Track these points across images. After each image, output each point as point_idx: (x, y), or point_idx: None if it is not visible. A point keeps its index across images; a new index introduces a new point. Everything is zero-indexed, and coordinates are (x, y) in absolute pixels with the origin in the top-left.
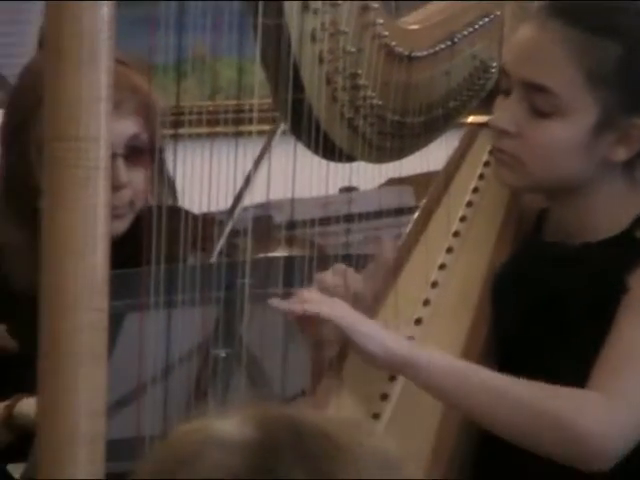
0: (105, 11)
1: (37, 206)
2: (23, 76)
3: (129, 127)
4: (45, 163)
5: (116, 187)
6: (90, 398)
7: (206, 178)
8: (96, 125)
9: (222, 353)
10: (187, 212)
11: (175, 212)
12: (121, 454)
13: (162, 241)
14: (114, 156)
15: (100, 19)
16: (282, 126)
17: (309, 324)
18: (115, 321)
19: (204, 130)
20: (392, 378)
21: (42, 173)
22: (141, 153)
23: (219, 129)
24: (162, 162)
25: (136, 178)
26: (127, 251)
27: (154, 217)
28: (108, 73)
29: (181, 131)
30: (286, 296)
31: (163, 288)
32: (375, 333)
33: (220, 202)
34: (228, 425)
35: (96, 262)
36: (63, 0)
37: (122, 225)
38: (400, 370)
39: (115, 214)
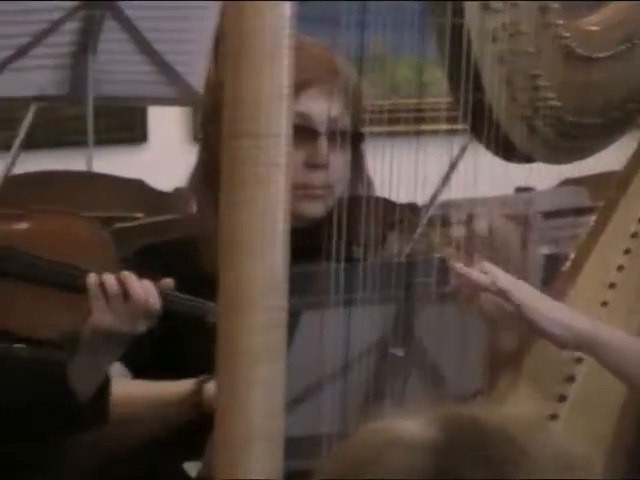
0: (286, 9)
1: None
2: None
3: (332, 108)
4: (224, 160)
5: (315, 166)
6: (268, 396)
7: (386, 177)
8: (276, 122)
9: (399, 352)
10: (390, 201)
11: (375, 201)
12: (299, 452)
13: (343, 237)
14: (316, 134)
15: (281, 17)
16: (469, 140)
17: (478, 297)
18: (292, 319)
19: (385, 129)
20: (578, 360)
21: (221, 169)
22: (341, 137)
23: (399, 128)
24: (361, 151)
25: (335, 161)
26: (317, 240)
27: (347, 207)
28: (289, 71)
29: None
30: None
31: (342, 286)
32: (555, 310)
33: (401, 199)
34: (412, 425)
35: (275, 260)
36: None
37: (317, 207)
38: (581, 347)
39: (311, 194)
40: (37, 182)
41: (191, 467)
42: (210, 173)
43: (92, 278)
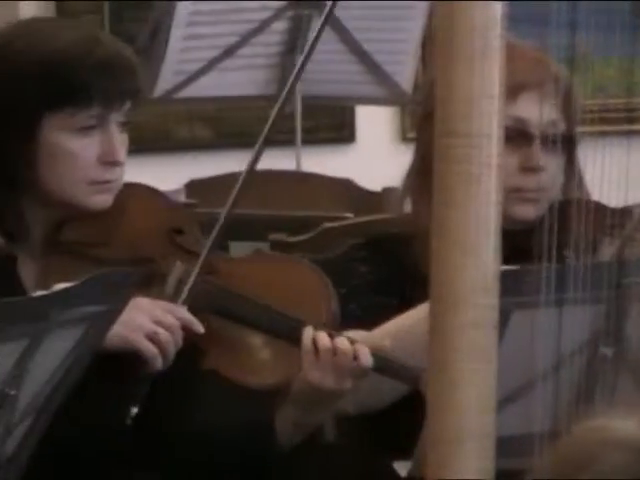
0: (496, 9)
1: None
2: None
3: (548, 112)
4: (436, 159)
5: (530, 169)
6: (479, 395)
7: (597, 177)
8: (488, 122)
9: (608, 352)
10: (603, 205)
11: (589, 205)
12: (510, 451)
13: (554, 237)
14: (530, 138)
15: (492, 17)
16: None
17: None
18: (503, 318)
19: (595, 129)
20: None
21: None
22: (557, 141)
23: (609, 127)
24: (575, 154)
25: (549, 165)
26: (529, 243)
27: (560, 211)
28: (499, 71)
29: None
30: None
31: (553, 286)
32: None
33: (611, 201)
34: (628, 426)
35: (486, 259)
36: (454, 1)
37: (530, 211)
38: None
39: (524, 198)
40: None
41: (401, 466)
42: (424, 172)
43: (308, 331)
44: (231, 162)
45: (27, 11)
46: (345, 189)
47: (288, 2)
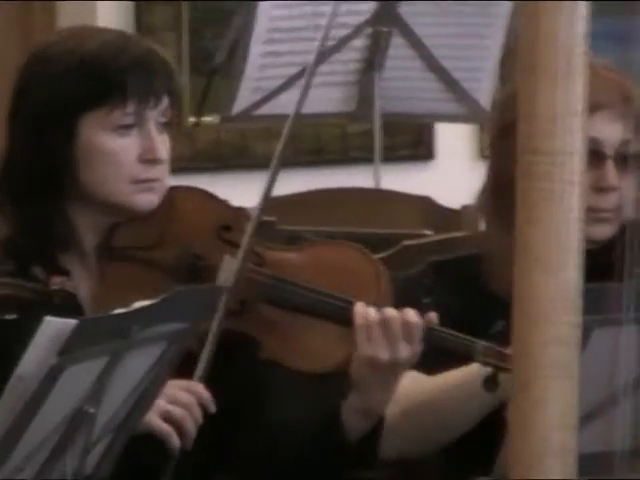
0: (580, 27)
1: None
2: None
3: (620, 132)
4: (518, 175)
5: (603, 189)
6: (561, 411)
7: None
8: (571, 139)
9: None
10: None
11: None
12: (591, 468)
13: (633, 254)
14: (604, 158)
15: (576, 34)
16: None
17: None
18: (583, 335)
19: None
20: None
21: (517, 185)
22: (630, 160)
23: None
24: None
25: (623, 184)
26: (606, 262)
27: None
28: (584, 88)
29: None
30: None
31: (633, 303)
32: None
33: None
34: None
35: (569, 276)
36: (538, 17)
37: (605, 230)
38: None
39: (599, 218)
40: (325, 199)
41: None
42: (499, 191)
43: (359, 307)
44: (309, 179)
45: (106, 22)
46: (424, 206)
47: (367, 19)
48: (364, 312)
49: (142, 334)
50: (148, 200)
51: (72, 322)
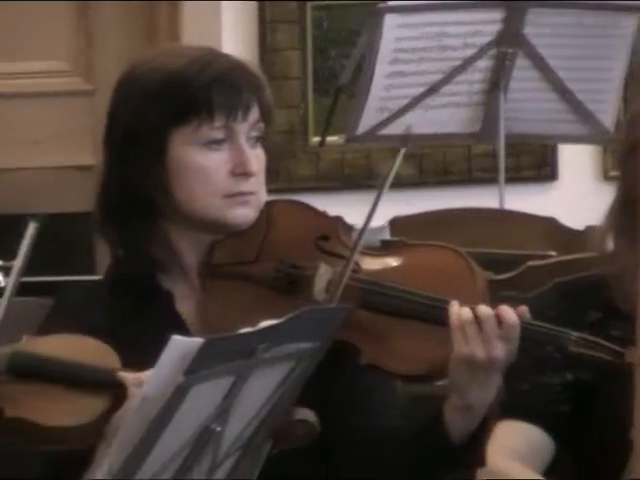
0: None
1: None
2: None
3: None
4: None
5: None
6: None
7: None
8: None
9: None
10: None
11: None
12: None
13: None
14: None
15: None
16: None
17: None
18: None
19: None
20: None
21: None
22: None
23: None
24: None
25: None
26: None
27: None
28: None
29: None
30: None
31: None
32: None
33: None
34: None
35: None
36: None
37: None
38: None
39: None
40: (450, 219)
41: None
42: (627, 209)
43: (454, 306)
44: (434, 199)
45: (230, 44)
46: (548, 227)
47: (491, 40)
48: (459, 311)
49: (268, 353)
50: (242, 214)
51: (198, 341)
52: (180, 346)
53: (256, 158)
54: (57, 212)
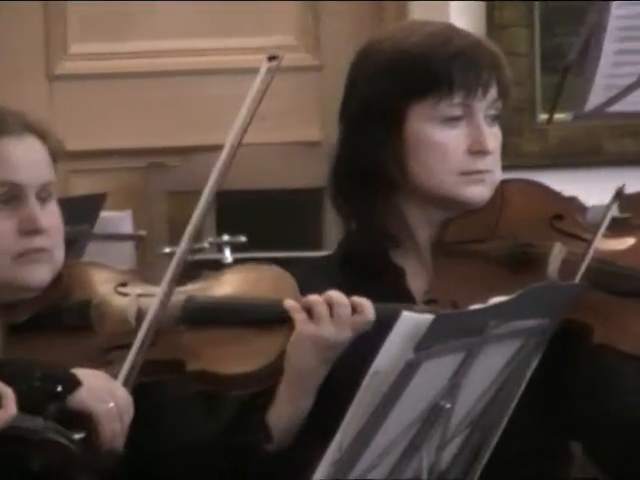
0: None
1: None
2: None
3: None
4: None
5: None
6: None
7: None
8: None
9: None
10: None
11: None
12: None
13: None
14: None
15: None
16: None
17: None
18: None
19: None
20: None
21: None
22: None
23: None
24: None
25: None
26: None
27: None
28: None
29: None
30: None
31: None
32: None
33: None
34: None
35: None
36: None
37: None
38: None
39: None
40: None
41: None
42: None
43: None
44: None
45: (458, 19)
46: None
47: None
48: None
49: (498, 330)
50: (478, 192)
51: (429, 317)
52: (410, 322)
53: (493, 136)
54: (285, 188)
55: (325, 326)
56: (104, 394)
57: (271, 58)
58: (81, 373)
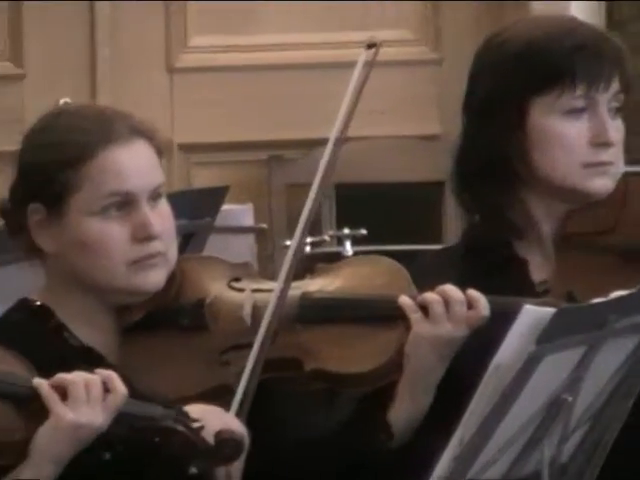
0: None
1: None
2: None
3: None
4: None
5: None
6: None
7: None
8: None
9: None
10: None
11: None
12: None
13: None
14: None
15: None
16: None
17: None
18: None
19: None
20: None
21: None
22: None
23: None
24: None
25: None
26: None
27: None
28: None
29: None
30: None
31: None
32: None
33: None
34: None
35: None
36: None
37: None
38: None
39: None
40: None
41: None
42: None
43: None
44: None
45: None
46: None
47: None
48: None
49: (619, 324)
50: (601, 184)
51: (550, 310)
52: (532, 315)
53: (616, 129)
54: (404, 181)
55: (441, 325)
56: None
57: (370, 45)
58: (195, 410)
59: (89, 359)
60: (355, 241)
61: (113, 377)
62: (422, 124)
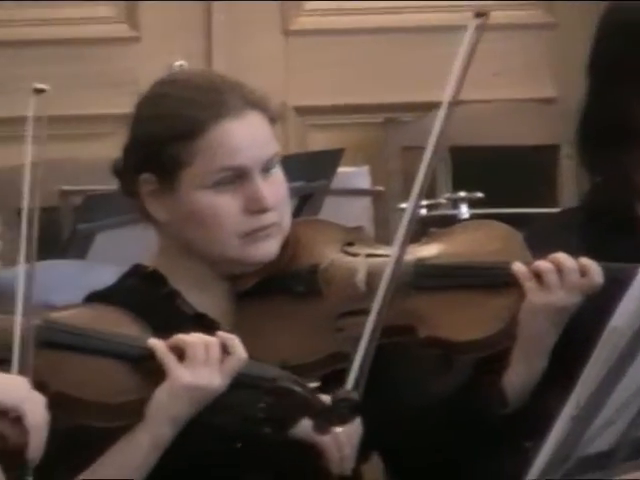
0: None
1: None
2: None
3: None
4: None
5: None
6: None
7: None
8: None
9: None
10: None
11: None
12: None
13: None
14: None
15: None
16: None
17: None
18: None
19: None
20: None
21: None
22: None
23: None
24: None
25: None
26: None
27: None
28: None
29: None
30: None
31: None
32: None
33: None
34: None
35: None
36: None
37: None
38: None
39: None
40: None
41: None
42: None
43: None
44: None
45: None
46: None
47: None
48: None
49: None
50: None
51: None
52: None
53: None
54: (518, 145)
55: (555, 293)
56: None
57: (478, 14)
58: None
59: (203, 326)
60: (471, 204)
61: (235, 340)
62: (537, 87)
